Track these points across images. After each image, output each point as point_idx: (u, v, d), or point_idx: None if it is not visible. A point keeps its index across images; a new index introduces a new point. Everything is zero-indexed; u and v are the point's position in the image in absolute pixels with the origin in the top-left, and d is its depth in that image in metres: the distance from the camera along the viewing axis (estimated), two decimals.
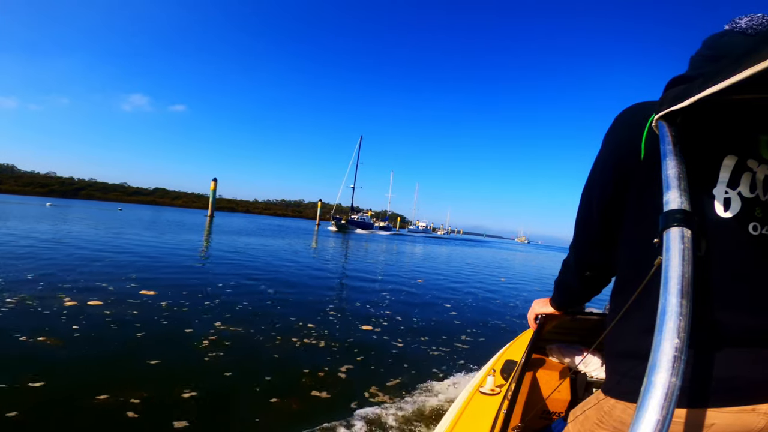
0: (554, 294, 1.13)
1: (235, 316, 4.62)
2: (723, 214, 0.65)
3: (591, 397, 0.81)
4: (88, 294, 4.92)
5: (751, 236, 0.65)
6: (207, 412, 2.45)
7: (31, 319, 3.77)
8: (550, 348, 1.77)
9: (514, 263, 20.93)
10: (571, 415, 0.86)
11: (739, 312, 0.64)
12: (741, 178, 0.66)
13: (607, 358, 0.77)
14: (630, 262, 0.75)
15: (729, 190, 0.66)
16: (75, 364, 2.93)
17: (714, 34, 0.79)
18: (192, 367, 3.07)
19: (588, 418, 0.77)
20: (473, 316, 6.01)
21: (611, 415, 0.71)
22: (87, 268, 6.64)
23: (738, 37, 0.74)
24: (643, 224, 0.71)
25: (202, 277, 7.00)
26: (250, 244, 14.71)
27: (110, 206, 56.22)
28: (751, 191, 0.66)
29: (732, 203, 0.65)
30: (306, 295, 6.28)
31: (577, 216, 0.88)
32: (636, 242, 0.73)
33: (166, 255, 9.34)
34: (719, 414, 0.61)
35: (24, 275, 5.65)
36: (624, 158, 0.73)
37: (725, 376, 0.62)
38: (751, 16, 0.74)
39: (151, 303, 4.82)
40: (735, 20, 0.76)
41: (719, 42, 0.76)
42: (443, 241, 46.56)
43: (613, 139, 0.76)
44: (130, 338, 3.55)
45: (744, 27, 0.73)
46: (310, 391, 2.88)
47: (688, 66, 0.82)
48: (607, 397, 0.73)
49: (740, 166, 0.66)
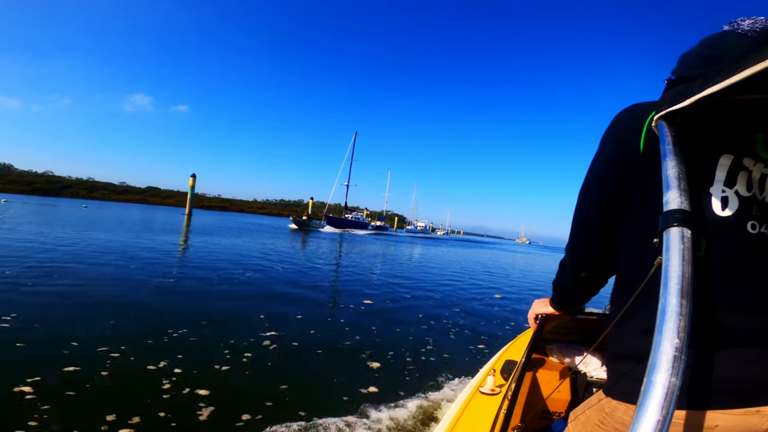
0: (553, 295, 1.13)
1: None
2: (721, 212, 0.65)
3: (592, 398, 0.80)
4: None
5: (750, 234, 0.64)
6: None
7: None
8: (550, 348, 1.77)
9: (512, 270, 16.76)
10: (571, 415, 0.86)
11: (739, 311, 0.64)
12: (738, 177, 0.66)
13: (608, 359, 0.77)
14: (630, 263, 0.75)
15: (726, 188, 0.66)
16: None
17: (713, 34, 0.78)
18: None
19: (589, 419, 0.77)
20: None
21: (613, 416, 0.70)
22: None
23: (740, 38, 0.72)
24: (643, 224, 0.71)
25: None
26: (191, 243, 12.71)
27: (88, 204, 51.50)
28: (747, 190, 0.66)
29: (730, 202, 0.65)
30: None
31: (573, 217, 0.87)
32: (636, 242, 0.73)
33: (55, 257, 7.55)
34: (723, 416, 0.61)
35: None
36: (623, 158, 0.73)
37: (727, 377, 0.62)
38: (755, 19, 0.73)
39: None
40: (737, 21, 0.75)
41: (720, 42, 0.75)
42: (438, 241, 42.24)
43: (612, 138, 0.76)
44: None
45: (747, 29, 0.72)
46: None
47: (677, 64, 0.80)
48: (608, 398, 0.73)
49: (736, 165, 0.66)
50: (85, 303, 4.58)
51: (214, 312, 4.73)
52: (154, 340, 3.55)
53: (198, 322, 4.21)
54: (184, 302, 5.09)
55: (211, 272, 7.54)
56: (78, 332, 3.54)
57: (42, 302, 4.43)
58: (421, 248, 25.26)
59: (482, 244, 53.18)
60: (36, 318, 3.85)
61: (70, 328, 3.65)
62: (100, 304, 4.62)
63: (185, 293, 5.61)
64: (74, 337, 3.40)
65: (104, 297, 4.94)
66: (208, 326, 4.13)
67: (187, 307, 4.86)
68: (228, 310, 4.87)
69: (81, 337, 3.45)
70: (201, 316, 4.45)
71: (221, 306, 5.08)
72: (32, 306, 4.23)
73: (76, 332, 3.54)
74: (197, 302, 5.17)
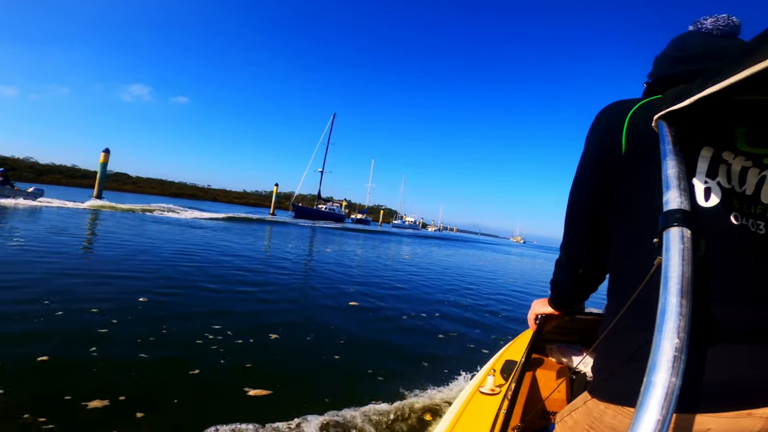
0: (551, 294, 1.13)
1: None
2: (704, 203, 0.66)
3: (577, 399, 0.79)
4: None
5: (733, 226, 0.64)
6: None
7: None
8: (550, 348, 1.77)
9: (501, 280, 10.84)
10: (558, 416, 0.85)
11: (726, 305, 0.63)
12: (719, 169, 0.66)
13: (596, 357, 0.76)
14: (620, 262, 0.75)
15: (708, 179, 0.66)
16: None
17: (680, 34, 0.82)
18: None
19: (578, 424, 0.75)
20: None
21: (602, 421, 0.69)
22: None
23: (704, 38, 0.76)
24: (628, 220, 0.72)
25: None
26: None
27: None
28: (728, 182, 0.66)
29: (712, 193, 0.66)
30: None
31: (566, 214, 0.88)
32: (624, 241, 0.73)
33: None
34: (714, 419, 0.60)
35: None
36: (606, 154, 0.74)
37: (717, 380, 0.61)
38: (717, 17, 0.76)
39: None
40: (700, 21, 0.78)
41: (685, 43, 0.79)
42: (419, 240, 31.60)
43: (595, 136, 0.77)
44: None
45: (710, 27, 0.76)
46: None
47: (652, 66, 0.84)
48: (595, 399, 0.71)
49: (717, 158, 0.66)
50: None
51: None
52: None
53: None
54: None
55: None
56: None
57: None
58: (419, 248, 21.19)
59: (474, 243, 43.94)
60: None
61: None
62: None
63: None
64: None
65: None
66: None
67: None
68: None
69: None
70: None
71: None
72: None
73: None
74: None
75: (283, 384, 2.91)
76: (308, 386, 2.95)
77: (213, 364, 3.08)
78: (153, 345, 3.26)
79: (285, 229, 22.08)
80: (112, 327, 3.51)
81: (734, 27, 0.76)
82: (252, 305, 4.96)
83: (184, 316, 4.11)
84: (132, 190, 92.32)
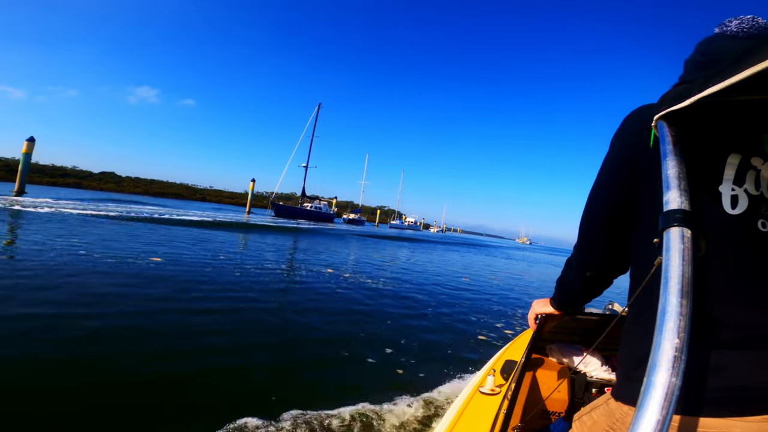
0: (555, 293, 1.13)
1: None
2: (731, 210, 0.65)
3: (598, 400, 0.79)
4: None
5: (760, 233, 0.64)
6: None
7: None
8: (550, 348, 1.77)
9: (508, 299, 7.84)
10: (576, 415, 0.84)
11: (752, 311, 0.62)
12: (746, 176, 0.65)
13: (620, 361, 0.76)
14: (640, 263, 0.74)
15: (735, 187, 0.65)
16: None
17: (706, 38, 0.80)
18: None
19: (597, 424, 0.75)
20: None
21: (624, 423, 0.68)
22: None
23: (729, 41, 0.74)
24: (654, 223, 0.71)
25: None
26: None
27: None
28: (756, 189, 0.65)
29: (740, 200, 0.65)
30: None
31: (582, 217, 0.87)
32: (648, 243, 0.72)
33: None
34: (741, 423, 0.59)
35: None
36: (633, 157, 0.73)
37: (746, 384, 0.60)
38: (741, 19, 0.74)
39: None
40: (725, 23, 0.77)
41: (710, 47, 0.77)
42: (415, 244, 24.51)
43: (623, 138, 0.76)
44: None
45: (735, 30, 0.74)
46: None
47: (683, 69, 0.83)
48: (619, 402, 0.71)
49: (744, 164, 0.66)
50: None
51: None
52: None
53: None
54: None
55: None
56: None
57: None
58: (402, 251, 16.82)
59: (478, 246, 37.07)
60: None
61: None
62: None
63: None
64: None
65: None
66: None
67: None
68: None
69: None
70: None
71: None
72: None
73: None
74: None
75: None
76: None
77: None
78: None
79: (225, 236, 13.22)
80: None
81: (759, 28, 0.73)
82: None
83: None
84: (113, 189, 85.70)
